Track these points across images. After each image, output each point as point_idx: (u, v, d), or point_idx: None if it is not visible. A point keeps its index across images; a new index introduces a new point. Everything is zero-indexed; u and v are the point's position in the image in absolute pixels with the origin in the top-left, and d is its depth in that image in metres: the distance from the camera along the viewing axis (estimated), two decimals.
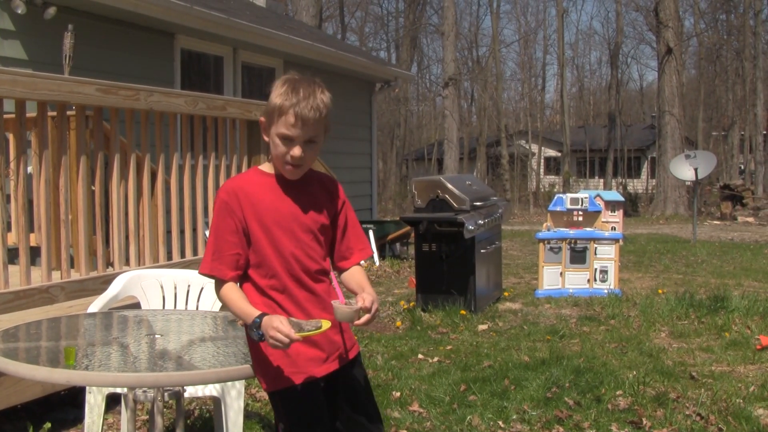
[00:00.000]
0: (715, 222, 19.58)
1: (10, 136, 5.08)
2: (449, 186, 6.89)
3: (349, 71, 12.18)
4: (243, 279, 2.18)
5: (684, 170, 14.47)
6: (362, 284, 2.22)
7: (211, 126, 5.40)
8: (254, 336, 2.05)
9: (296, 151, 2.09)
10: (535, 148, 34.58)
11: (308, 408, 2.16)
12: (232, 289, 2.13)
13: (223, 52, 9.56)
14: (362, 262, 2.35)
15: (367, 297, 2.11)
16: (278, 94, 2.09)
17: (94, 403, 3.17)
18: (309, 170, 2.22)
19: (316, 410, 2.18)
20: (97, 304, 3.34)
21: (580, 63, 43.23)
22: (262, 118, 2.17)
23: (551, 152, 36.60)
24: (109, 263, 4.80)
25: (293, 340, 1.98)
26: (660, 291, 7.89)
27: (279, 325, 1.97)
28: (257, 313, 2.04)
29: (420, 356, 5.29)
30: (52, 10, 7.03)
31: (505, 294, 7.85)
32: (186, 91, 5.94)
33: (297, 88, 2.08)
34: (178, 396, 2.70)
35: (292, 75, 2.15)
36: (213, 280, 2.15)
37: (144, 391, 2.58)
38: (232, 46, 9.58)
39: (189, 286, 3.54)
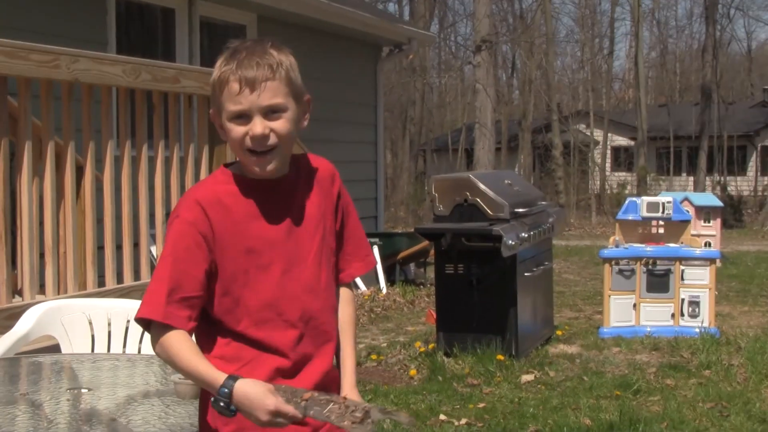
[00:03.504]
0: None
1: None
2: (481, 186, 6.89)
3: (347, 30, 12.20)
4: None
5: None
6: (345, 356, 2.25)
7: (159, 104, 5.41)
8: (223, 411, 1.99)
9: (256, 127, 2.07)
10: (599, 134, 34.55)
11: None
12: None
13: (174, 2, 9.60)
14: (361, 286, 2.37)
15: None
16: (216, 68, 2.16)
17: None
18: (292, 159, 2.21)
19: None
20: None
21: (663, 17, 43.22)
22: (212, 110, 2.20)
23: (621, 140, 36.59)
24: (15, 291, 4.81)
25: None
26: None
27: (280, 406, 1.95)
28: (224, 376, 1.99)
29: (442, 417, 5.30)
30: None
31: (558, 333, 7.85)
32: (124, 56, 5.95)
33: (236, 51, 2.14)
34: None
35: (234, 43, 2.19)
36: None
37: None
38: None
39: (128, 321, 3.54)
